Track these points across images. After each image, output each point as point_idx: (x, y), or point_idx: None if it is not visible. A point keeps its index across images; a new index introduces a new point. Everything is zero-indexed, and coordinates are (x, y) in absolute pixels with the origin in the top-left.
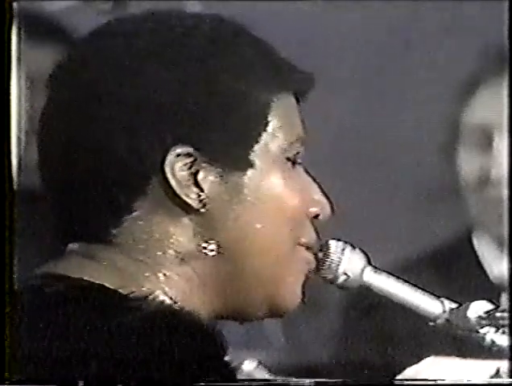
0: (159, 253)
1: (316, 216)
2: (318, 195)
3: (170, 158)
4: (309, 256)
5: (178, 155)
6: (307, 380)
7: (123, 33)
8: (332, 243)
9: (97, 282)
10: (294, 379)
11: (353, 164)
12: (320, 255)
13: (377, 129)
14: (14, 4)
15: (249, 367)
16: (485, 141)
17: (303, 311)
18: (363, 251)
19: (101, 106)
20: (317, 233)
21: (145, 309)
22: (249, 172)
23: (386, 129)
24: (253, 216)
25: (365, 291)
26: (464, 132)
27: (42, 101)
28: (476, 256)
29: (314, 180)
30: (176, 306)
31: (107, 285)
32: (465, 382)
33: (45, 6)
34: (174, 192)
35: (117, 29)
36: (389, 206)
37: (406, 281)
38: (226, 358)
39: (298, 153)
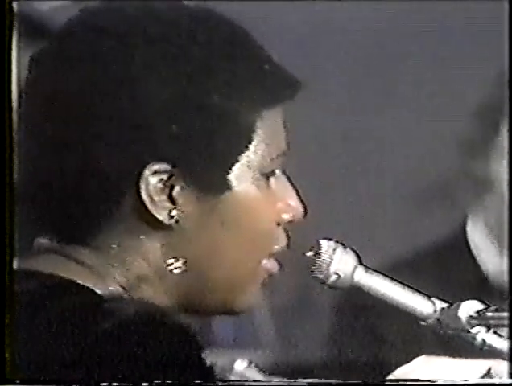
0: (129, 259)
1: (290, 221)
2: (292, 201)
3: (146, 173)
4: (273, 265)
5: (155, 172)
6: (299, 380)
7: (113, 34)
8: (324, 242)
9: (67, 278)
10: (285, 380)
11: (345, 163)
12: (311, 254)
13: (369, 127)
14: (14, 4)
15: (240, 366)
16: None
17: (294, 311)
18: (354, 250)
19: (84, 115)
20: (288, 237)
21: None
22: (226, 193)
23: (376, 126)
24: (226, 235)
25: (357, 291)
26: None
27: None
28: (471, 255)
29: (292, 184)
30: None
31: (76, 280)
32: (456, 382)
33: (35, 5)
34: (146, 208)
35: (105, 32)
36: (380, 205)
37: (397, 281)
38: (202, 356)
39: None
